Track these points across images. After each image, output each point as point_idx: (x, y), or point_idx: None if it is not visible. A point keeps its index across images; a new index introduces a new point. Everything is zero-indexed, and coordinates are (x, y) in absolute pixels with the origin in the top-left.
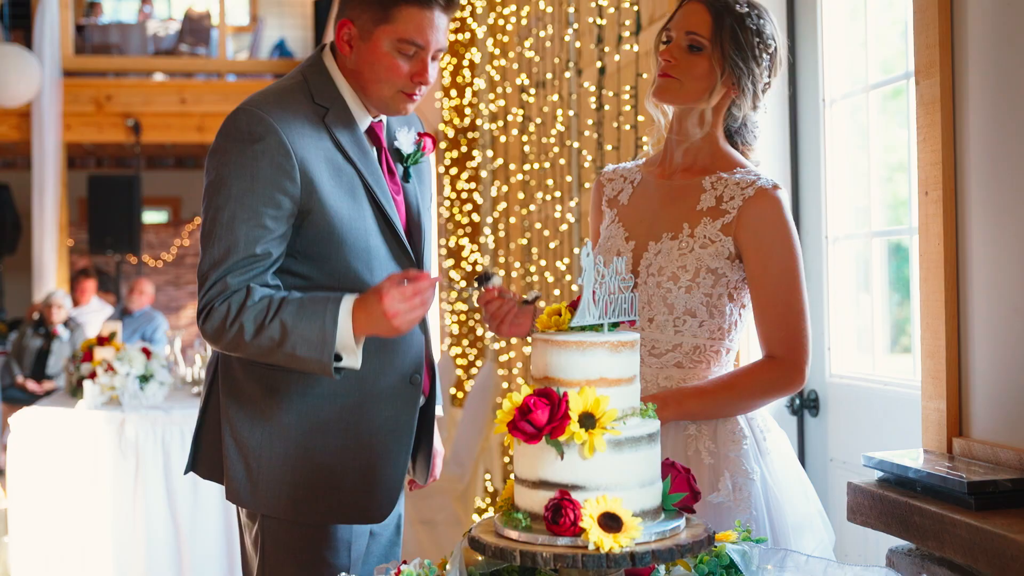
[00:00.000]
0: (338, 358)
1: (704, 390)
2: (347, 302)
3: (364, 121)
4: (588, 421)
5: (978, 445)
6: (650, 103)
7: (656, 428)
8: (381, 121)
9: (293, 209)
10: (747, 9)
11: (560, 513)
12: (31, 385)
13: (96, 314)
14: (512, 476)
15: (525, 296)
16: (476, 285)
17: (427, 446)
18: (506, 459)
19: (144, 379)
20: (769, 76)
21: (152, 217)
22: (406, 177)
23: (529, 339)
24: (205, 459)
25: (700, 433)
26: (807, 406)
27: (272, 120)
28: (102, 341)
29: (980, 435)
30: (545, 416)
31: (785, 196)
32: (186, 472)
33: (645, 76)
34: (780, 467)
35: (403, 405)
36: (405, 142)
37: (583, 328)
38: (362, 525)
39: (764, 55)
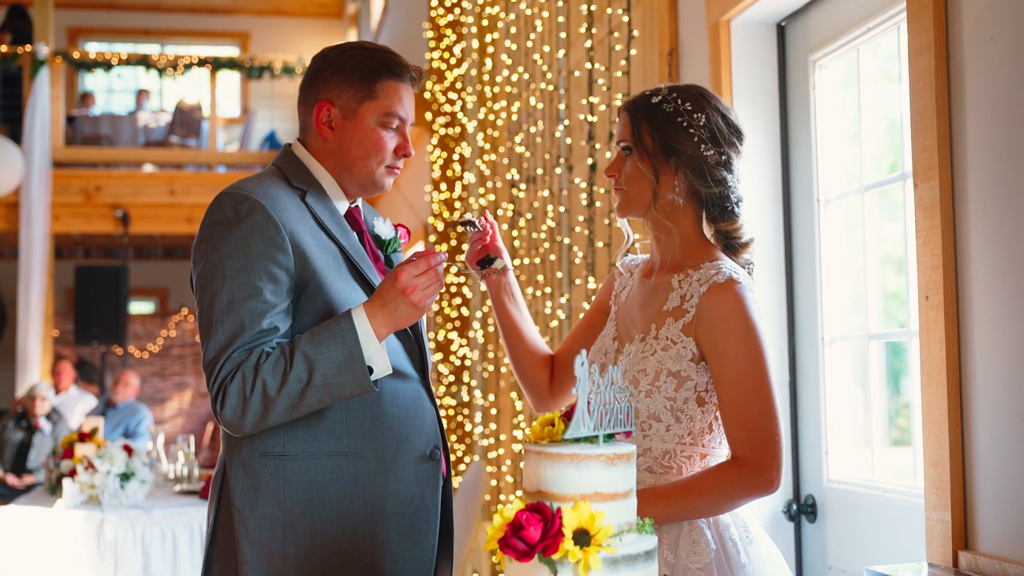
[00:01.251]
0: (370, 371)
1: (660, 493)
2: (356, 310)
3: (342, 205)
4: (583, 538)
5: (985, 560)
6: (623, 223)
7: (653, 545)
8: (358, 207)
9: (290, 283)
10: (661, 97)
11: None
12: (11, 480)
13: (76, 403)
14: None
15: (491, 262)
16: (480, 268)
17: (449, 534)
18: (495, 559)
19: (125, 477)
20: (715, 147)
21: (139, 308)
22: (388, 264)
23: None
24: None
25: (659, 541)
26: (804, 512)
27: (256, 197)
28: (83, 437)
29: (987, 549)
30: (538, 533)
31: (744, 289)
32: None
33: None
34: None
35: (426, 483)
36: (384, 229)
37: (577, 440)
38: None
39: (692, 129)
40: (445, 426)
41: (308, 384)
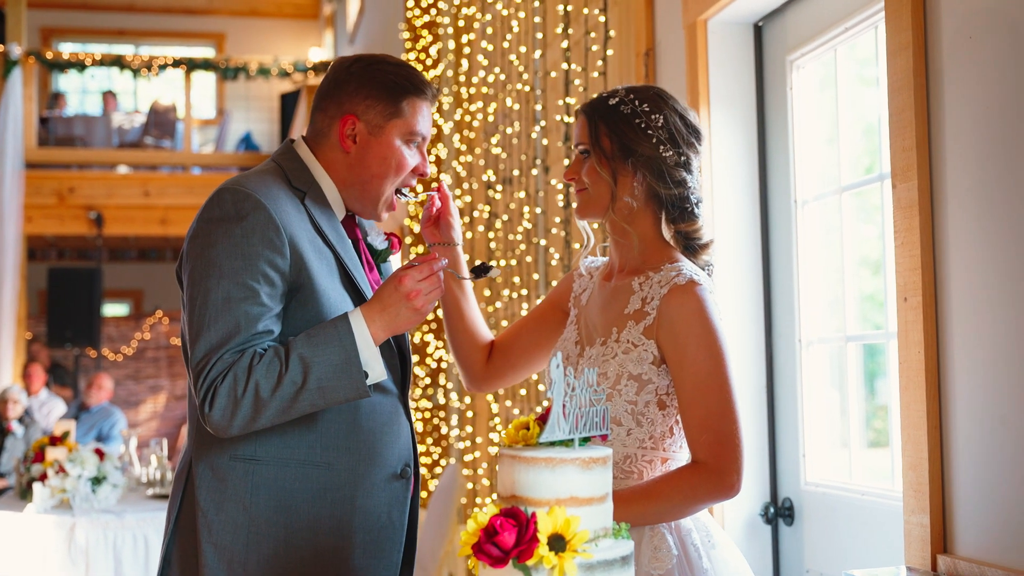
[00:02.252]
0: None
1: (620, 497)
2: (354, 313)
3: (340, 211)
4: (558, 543)
5: (964, 563)
6: (582, 224)
7: (630, 550)
8: (354, 216)
9: (284, 287)
10: (618, 98)
11: None
12: None
13: (47, 406)
14: None
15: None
16: (474, 275)
17: (411, 553)
18: (470, 564)
19: (96, 481)
20: (673, 148)
21: (113, 310)
22: (381, 275)
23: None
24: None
25: None
26: (782, 515)
27: (259, 196)
28: (54, 440)
29: (966, 552)
30: (512, 538)
31: (704, 291)
32: None
33: None
34: None
35: (394, 500)
36: (377, 240)
37: (552, 443)
38: None
39: (649, 130)
40: (421, 429)
41: (303, 387)
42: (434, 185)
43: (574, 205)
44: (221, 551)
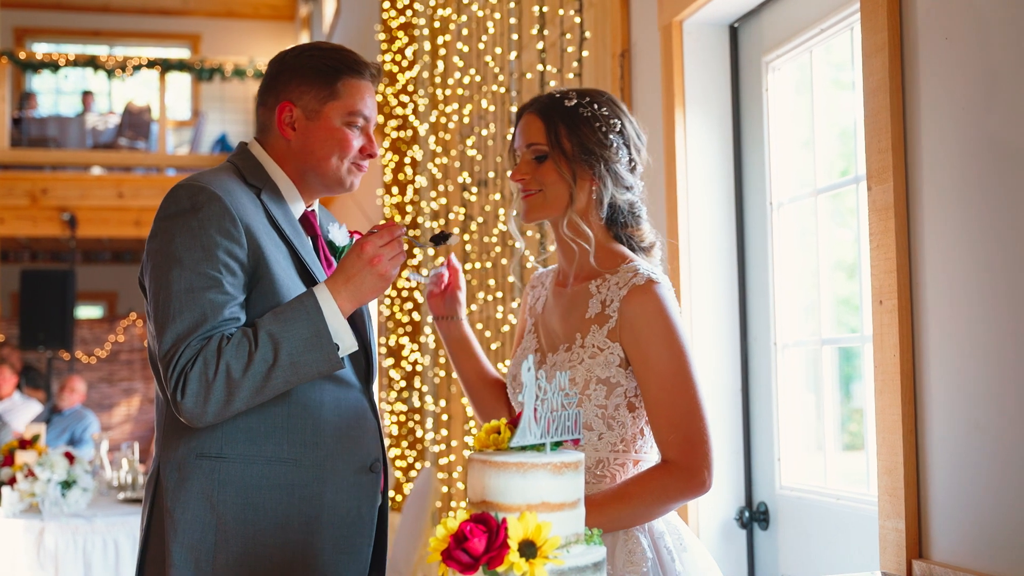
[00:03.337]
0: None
1: (593, 502)
2: (319, 287)
3: (297, 207)
4: (529, 550)
5: (940, 569)
6: (514, 227)
7: (602, 556)
8: (314, 211)
9: (245, 278)
10: (576, 100)
11: None
12: None
13: (20, 409)
14: None
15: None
16: (433, 243)
17: (382, 550)
18: (441, 569)
19: (66, 485)
20: (629, 153)
21: (87, 312)
22: None
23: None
24: None
25: None
26: (757, 519)
27: (214, 188)
28: (24, 444)
29: (942, 557)
30: (482, 545)
31: (663, 289)
32: None
33: None
34: None
35: (364, 495)
36: (338, 235)
37: (523, 448)
38: None
39: (610, 135)
40: (396, 432)
41: (274, 364)
42: (441, 260)
43: (515, 211)
44: (189, 550)
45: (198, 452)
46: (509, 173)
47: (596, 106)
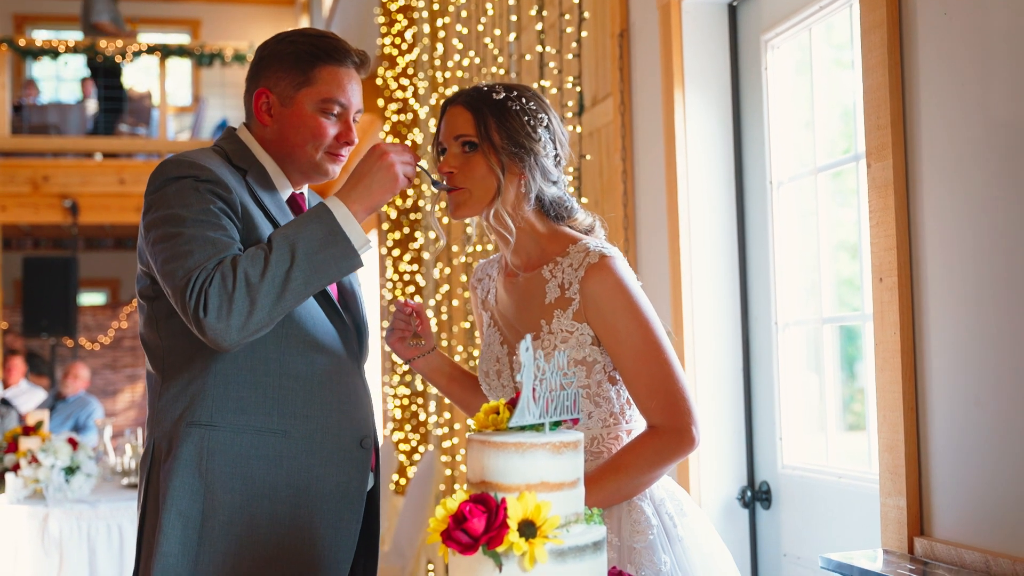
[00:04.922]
0: None
1: (590, 478)
2: (329, 198)
3: (285, 190)
4: (528, 530)
5: (941, 546)
6: (435, 221)
7: (602, 535)
8: (303, 194)
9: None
10: (504, 94)
11: None
12: None
13: (26, 396)
14: None
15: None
16: (443, 185)
17: (372, 529)
18: (440, 550)
19: (70, 471)
20: (555, 147)
21: (89, 299)
22: None
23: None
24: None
25: (606, 525)
26: (759, 499)
27: (203, 163)
28: (28, 431)
29: (943, 535)
30: (482, 525)
31: (618, 262)
32: None
33: (589, 158)
34: (696, 555)
35: (353, 470)
36: None
37: (522, 428)
38: None
39: (539, 130)
40: (400, 416)
41: (292, 264)
42: (404, 300)
43: (442, 205)
44: (177, 516)
45: (188, 420)
46: (423, 163)
47: (524, 100)
